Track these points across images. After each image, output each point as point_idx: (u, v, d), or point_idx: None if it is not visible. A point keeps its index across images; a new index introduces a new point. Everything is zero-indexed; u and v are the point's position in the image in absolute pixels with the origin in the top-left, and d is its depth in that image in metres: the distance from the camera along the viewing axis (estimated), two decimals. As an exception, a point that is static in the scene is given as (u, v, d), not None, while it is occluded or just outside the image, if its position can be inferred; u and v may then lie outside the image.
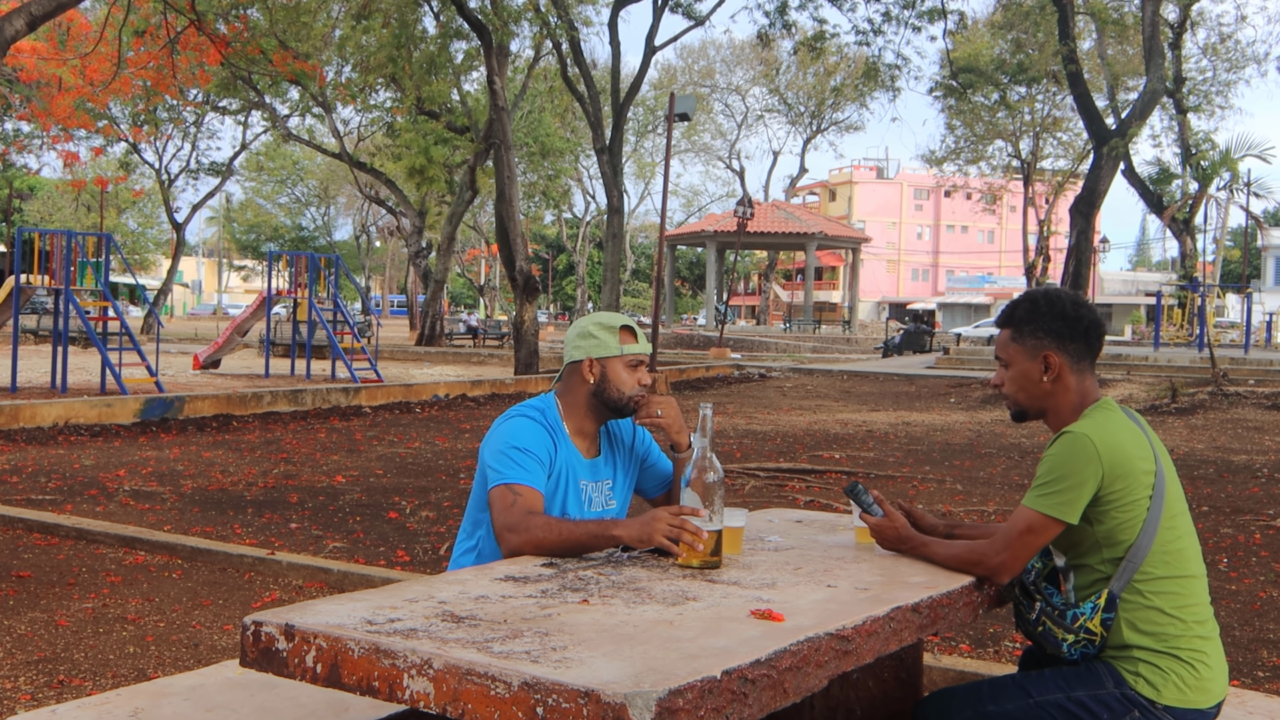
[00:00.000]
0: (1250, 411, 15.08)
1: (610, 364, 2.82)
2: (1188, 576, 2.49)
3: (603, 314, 2.93)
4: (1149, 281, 60.11)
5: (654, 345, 20.54)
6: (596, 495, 2.89)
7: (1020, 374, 2.62)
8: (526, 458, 2.70)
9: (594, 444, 2.93)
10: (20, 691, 3.93)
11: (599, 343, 2.83)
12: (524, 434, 2.74)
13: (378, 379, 18.38)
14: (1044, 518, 2.43)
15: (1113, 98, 30.69)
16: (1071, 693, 2.48)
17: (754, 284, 77.63)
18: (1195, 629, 2.47)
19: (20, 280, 14.98)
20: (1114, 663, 2.49)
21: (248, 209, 71.46)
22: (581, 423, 2.88)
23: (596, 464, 2.91)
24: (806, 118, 54.49)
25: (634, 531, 2.46)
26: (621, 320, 2.87)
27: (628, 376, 2.82)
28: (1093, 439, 2.43)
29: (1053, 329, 2.59)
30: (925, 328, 36.09)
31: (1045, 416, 2.64)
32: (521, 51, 30.08)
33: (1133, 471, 2.44)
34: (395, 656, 1.75)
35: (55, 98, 25.37)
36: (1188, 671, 2.44)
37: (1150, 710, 2.44)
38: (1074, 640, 2.48)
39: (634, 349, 2.82)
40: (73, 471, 8.70)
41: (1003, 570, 2.46)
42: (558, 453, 2.80)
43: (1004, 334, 2.66)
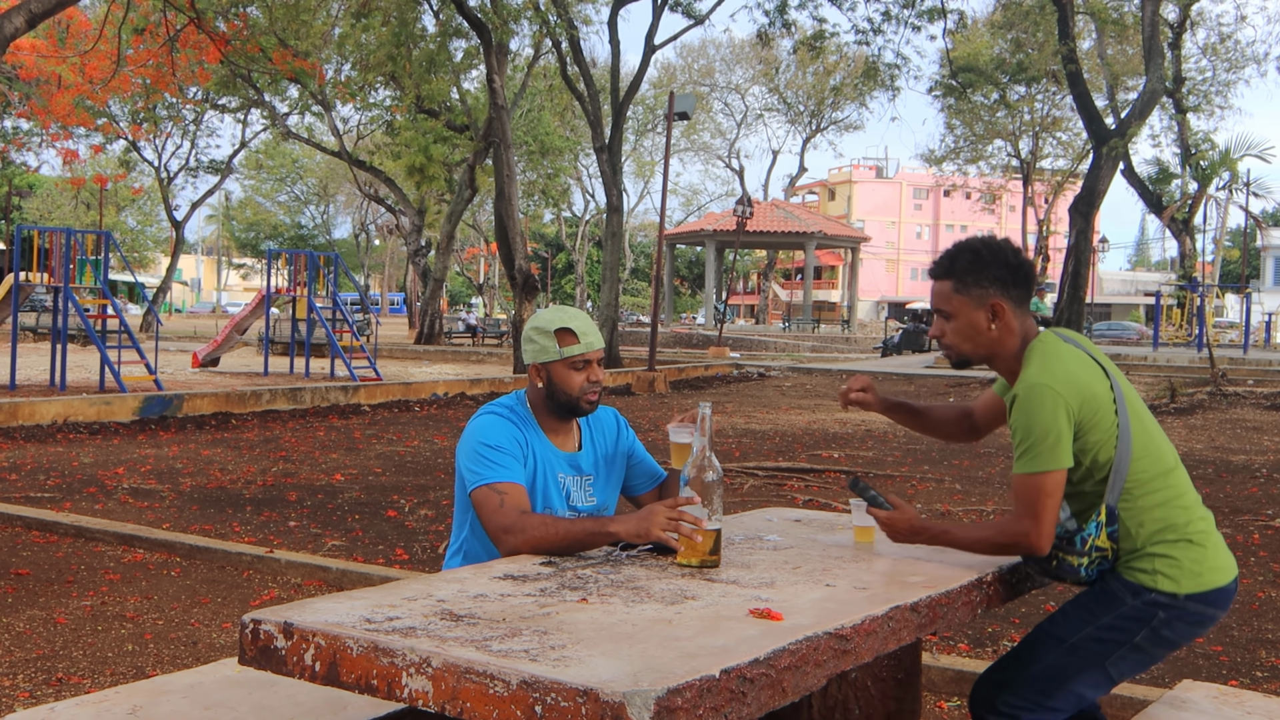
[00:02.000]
0: (1249, 412, 15.08)
1: (554, 367, 2.82)
2: (1170, 470, 2.57)
3: (543, 314, 2.88)
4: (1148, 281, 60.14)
5: (653, 345, 20.53)
6: (576, 489, 2.90)
7: (967, 325, 2.63)
8: (500, 454, 2.71)
9: (571, 438, 2.93)
10: (19, 689, 3.93)
11: (539, 348, 2.84)
12: (492, 430, 2.76)
13: (376, 377, 18.38)
14: (1050, 474, 2.46)
15: (1112, 97, 30.70)
16: (1098, 622, 2.55)
17: (753, 283, 77.63)
18: (1194, 511, 2.56)
19: (19, 278, 14.98)
20: (1129, 573, 2.55)
21: (247, 207, 71.42)
22: (548, 419, 2.89)
23: (576, 458, 2.92)
24: (806, 117, 54.49)
25: (631, 527, 2.46)
26: (559, 322, 2.82)
27: (574, 377, 2.81)
28: (1050, 386, 2.46)
29: (998, 277, 2.60)
30: (924, 327, 36.06)
31: (991, 362, 2.66)
32: (521, 50, 30.07)
33: (1095, 396, 2.49)
34: (394, 655, 1.75)
35: (55, 95, 25.35)
36: (1199, 552, 2.52)
37: (1174, 604, 2.51)
38: (1088, 562, 2.54)
39: (574, 350, 2.80)
40: (71, 469, 8.69)
41: (1042, 540, 2.49)
42: (529, 446, 2.81)
43: (945, 285, 2.66)
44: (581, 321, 2.84)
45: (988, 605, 2.52)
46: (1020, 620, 5.01)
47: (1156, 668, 4.39)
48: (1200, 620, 2.54)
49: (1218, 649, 4.67)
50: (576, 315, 2.86)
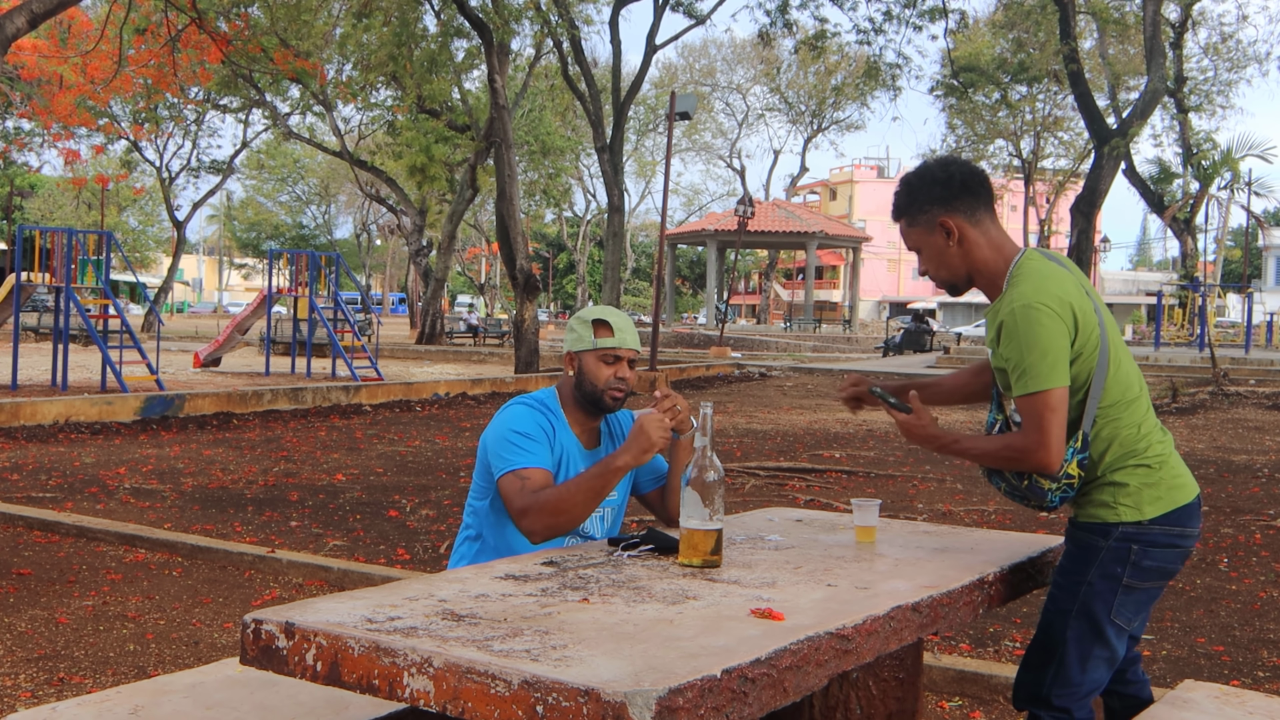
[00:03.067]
0: (1251, 411, 15.07)
1: (585, 357, 2.89)
2: (1135, 399, 2.59)
3: (589, 308, 2.97)
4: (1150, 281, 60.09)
5: (654, 344, 20.53)
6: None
7: (932, 251, 2.65)
8: (527, 440, 2.77)
9: (594, 436, 2.98)
10: (20, 689, 3.93)
11: (576, 336, 2.91)
12: (521, 419, 2.82)
13: (378, 377, 18.38)
14: (1053, 391, 2.47)
15: (1114, 97, 30.67)
16: (1086, 578, 2.58)
17: (754, 283, 77.62)
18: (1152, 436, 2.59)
19: (21, 278, 14.98)
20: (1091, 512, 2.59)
21: (248, 207, 71.42)
22: (576, 414, 2.94)
23: (596, 454, 2.95)
24: (807, 117, 54.46)
25: (634, 454, 2.57)
26: (598, 314, 2.90)
27: (601, 370, 2.87)
28: (1044, 303, 2.47)
29: (934, 196, 2.62)
30: (925, 327, 36.04)
31: (973, 281, 2.67)
32: (522, 50, 30.06)
33: (1083, 312, 2.51)
34: (395, 655, 1.75)
35: (56, 95, 25.36)
36: (1155, 475, 2.55)
37: (1142, 533, 2.54)
38: (1056, 488, 2.56)
39: (607, 342, 2.86)
40: (73, 469, 8.70)
41: (1051, 456, 2.49)
42: (556, 436, 2.86)
43: (901, 225, 2.70)
44: (621, 319, 2.92)
45: (989, 605, 2.52)
46: (1022, 620, 5.01)
47: (1157, 666, 4.39)
48: (1174, 543, 2.56)
49: (1219, 649, 4.67)
50: (620, 315, 2.94)
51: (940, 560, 2.60)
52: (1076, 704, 2.59)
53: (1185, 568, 6.13)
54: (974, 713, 3.93)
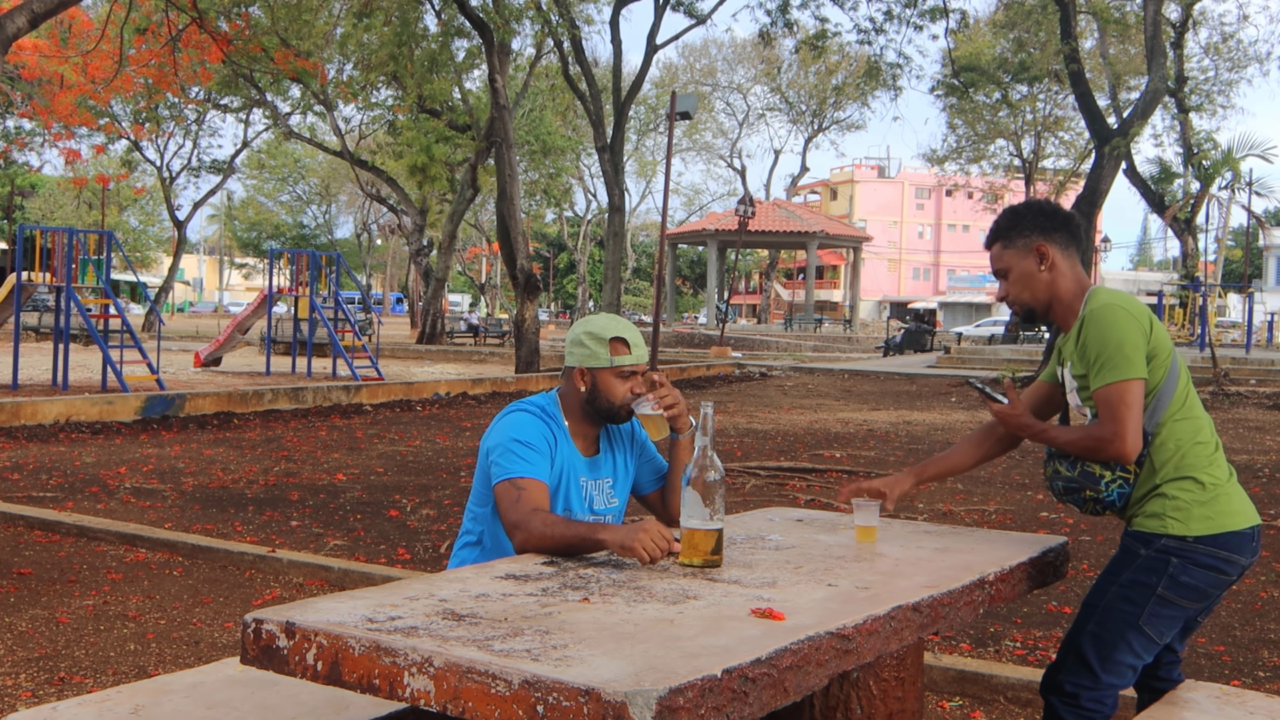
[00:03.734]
0: (1251, 411, 15.07)
1: (600, 374, 2.85)
2: (1198, 417, 2.70)
3: (597, 320, 2.90)
4: (1150, 281, 60.05)
5: (654, 344, 20.53)
6: (598, 494, 2.92)
7: (1021, 274, 2.81)
8: (528, 450, 2.73)
9: (593, 443, 2.96)
10: (21, 689, 3.93)
11: (589, 353, 2.85)
12: (524, 427, 2.78)
13: (379, 377, 18.39)
14: (1129, 382, 2.59)
15: (1114, 97, 30.65)
16: (1120, 579, 2.67)
17: (755, 283, 77.60)
18: (1214, 457, 2.68)
19: (22, 278, 14.98)
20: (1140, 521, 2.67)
21: (249, 207, 71.40)
22: (579, 424, 2.91)
23: (596, 462, 2.94)
24: (808, 116, 54.45)
25: (618, 538, 2.44)
26: (614, 331, 2.85)
27: (619, 386, 2.84)
28: (1121, 305, 2.64)
29: (1037, 224, 2.80)
30: (926, 327, 36.08)
31: (1052, 309, 2.81)
32: (523, 50, 30.05)
33: (1156, 324, 2.66)
34: (396, 654, 1.75)
35: (57, 95, 25.34)
36: (1208, 494, 2.63)
37: (1184, 549, 2.62)
38: (1111, 477, 2.66)
39: (625, 360, 2.83)
40: (74, 469, 8.70)
41: (1127, 446, 2.60)
42: (558, 447, 2.82)
43: (995, 248, 2.86)
44: (634, 333, 2.89)
45: (990, 605, 2.52)
46: (1023, 620, 5.01)
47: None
48: (1217, 566, 2.64)
49: (1220, 649, 4.66)
50: (630, 327, 2.91)
51: (941, 560, 2.60)
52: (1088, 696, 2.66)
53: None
54: (974, 713, 3.93)
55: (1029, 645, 4.64)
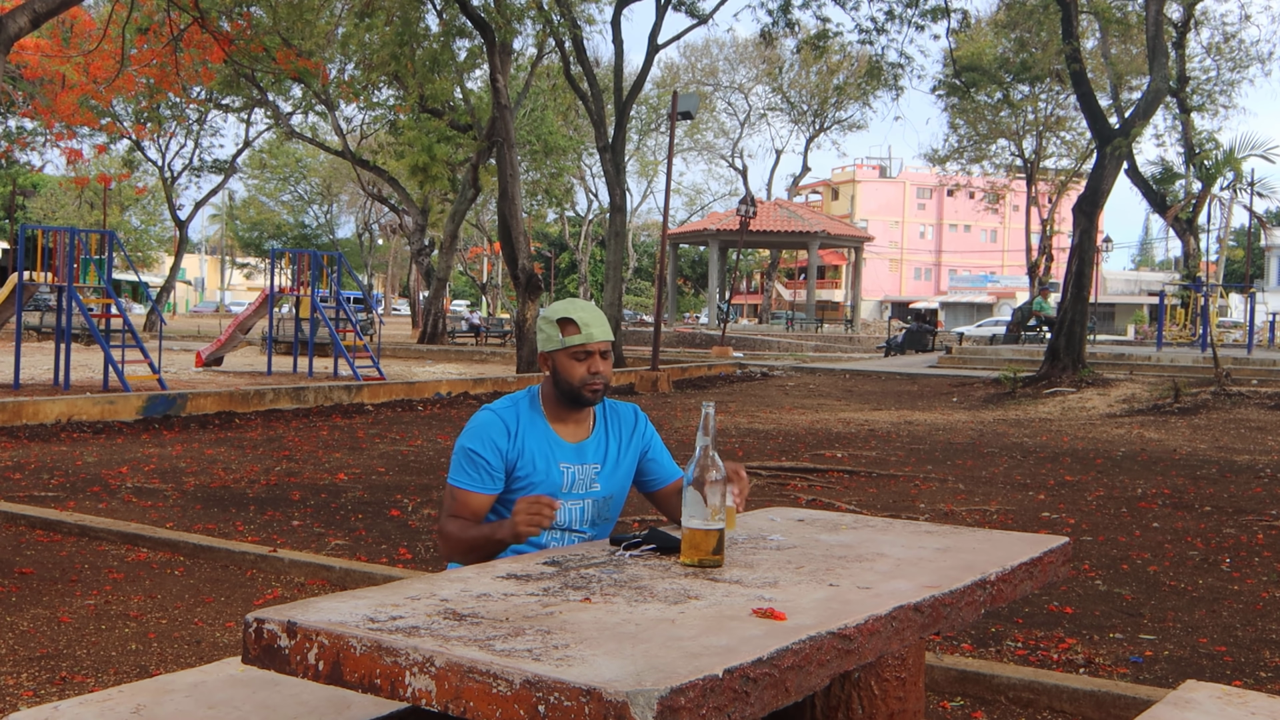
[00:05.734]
0: (1253, 411, 15.06)
1: (557, 356, 2.92)
2: None
3: (554, 305, 2.97)
4: (1152, 281, 60.02)
5: (655, 344, 20.53)
6: (581, 477, 2.97)
7: None
8: (471, 461, 2.87)
9: (583, 428, 3.00)
10: (23, 688, 3.93)
11: (546, 337, 2.94)
12: (478, 434, 2.90)
13: (380, 377, 18.39)
14: None
15: (1116, 97, 30.62)
16: None
17: (756, 283, 77.58)
18: None
19: (23, 277, 14.99)
20: None
21: (250, 206, 71.41)
22: (559, 411, 2.97)
23: (583, 447, 2.98)
24: (809, 116, 54.41)
25: (505, 530, 2.70)
26: (563, 312, 2.91)
27: (575, 367, 2.90)
28: None
29: None
30: (927, 327, 36.04)
31: None
32: (524, 49, 30.06)
33: None
34: (397, 654, 1.75)
35: (59, 95, 25.37)
36: None
37: None
38: None
39: (575, 339, 2.88)
40: (75, 468, 8.70)
41: None
42: (518, 439, 2.90)
43: None
44: (586, 313, 2.91)
45: (991, 605, 2.52)
46: (1024, 620, 5.01)
47: (1159, 667, 4.39)
48: None
49: (1221, 649, 4.66)
50: (584, 307, 2.93)
51: (942, 560, 2.60)
52: None
53: (1187, 568, 6.14)
54: (976, 713, 3.93)
55: (1030, 645, 4.64)
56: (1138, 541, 6.84)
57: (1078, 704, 3.92)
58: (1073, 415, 15.29)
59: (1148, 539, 6.92)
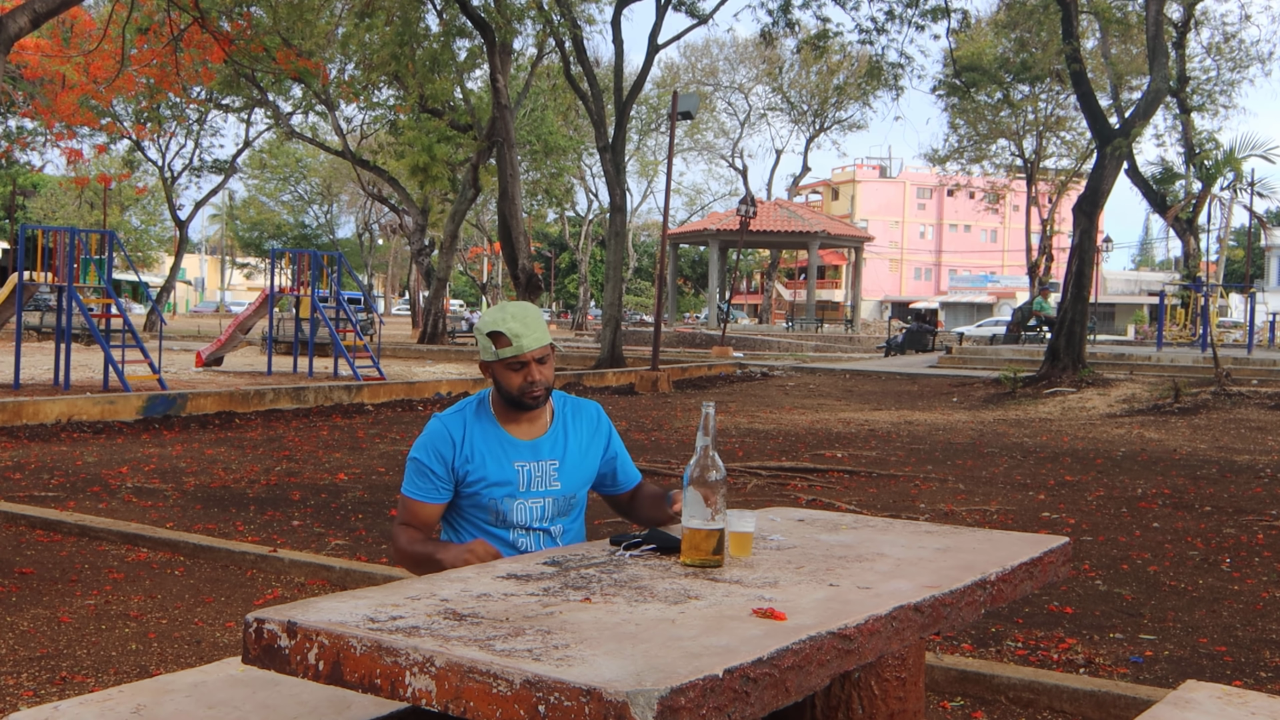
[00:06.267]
0: (1253, 411, 15.06)
1: (495, 367, 2.94)
2: None
3: (485, 315, 2.96)
4: (1152, 281, 60.01)
5: (656, 344, 20.53)
6: (538, 474, 2.98)
7: None
8: (419, 471, 2.95)
9: (537, 425, 3.02)
10: (23, 688, 3.93)
11: (482, 348, 2.96)
12: (424, 445, 2.97)
13: (380, 377, 18.39)
14: None
15: (1116, 97, 30.62)
16: None
17: (756, 283, 77.57)
18: None
19: (23, 277, 14.99)
20: None
21: (251, 206, 71.41)
22: (509, 413, 2.99)
23: (538, 444, 3.00)
24: (809, 116, 54.40)
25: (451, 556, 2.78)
26: (493, 325, 2.90)
27: (511, 377, 2.92)
28: None
29: None
30: (928, 327, 36.03)
31: None
32: (524, 49, 30.05)
33: None
34: (397, 654, 1.75)
35: (59, 95, 25.38)
36: None
37: None
38: None
39: (507, 352, 2.88)
40: (75, 468, 8.70)
41: None
42: (464, 445, 2.93)
43: None
44: (515, 323, 2.88)
45: (991, 605, 2.52)
46: (1024, 620, 5.01)
47: (1159, 667, 4.39)
48: None
49: (1221, 649, 4.66)
50: (514, 315, 2.90)
51: (942, 560, 2.60)
52: None
53: (1187, 568, 6.14)
54: (976, 713, 3.93)
55: (1030, 645, 4.64)
56: (1138, 541, 6.84)
57: (1078, 704, 3.92)
58: (1073, 415, 15.28)
59: (1148, 539, 6.92)
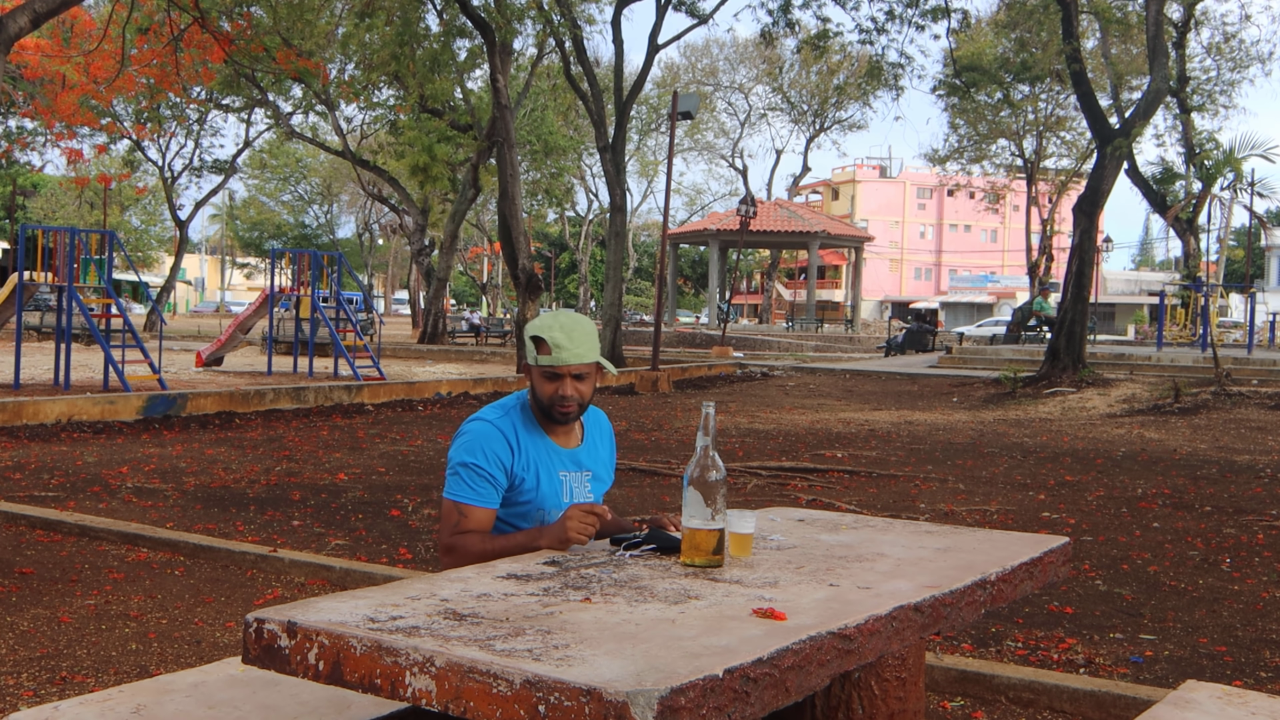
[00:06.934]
0: (1253, 411, 15.06)
1: (532, 371, 2.89)
2: None
3: (540, 318, 2.91)
4: (1152, 281, 60.00)
5: (655, 344, 20.52)
6: (577, 486, 2.96)
7: None
8: (475, 475, 2.81)
9: (573, 435, 2.99)
10: (23, 688, 3.93)
11: (527, 350, 2.91)
12: (476, 446, 2.83)
13: (380, 377, 18.38)
14: None
15: (1116, 97, 30.62)
16: None
17: (756, 283, 77.57)
18: None
19: (24, 277, 14.99)
20: None
21: (251, 206, 71.41)
22: (545, 420, 2.94)
23: (578, 454, 2.97)
24: (809, 116, 54.39)
25: (551, 538, 2.63)
26: (542, 330, 2.84)
27: (545, 386, 2.86)
28: None
29: None
30: (928, 327, 36.02)
31: None
32: (525, 49, 30.05)
33: None
34: (397, 654, 1.75)
35: (59, 95, 25.37)
36: None
37: None
38: None
39: (545, 360, 2.82)
40: (75, 468, 8.70)
41: None
42: (520, 450, 2.86)
43: None
44: (561, 333, 2.81)
45: (992, 605, 2.52)
46: (1024, 620, 5.01)
47: (1159, 666, 4.39)
48: None
49: (1222, 649, 4.66)
50: (562, 326, 2.84)
51: (942, 560, 2.60)
52: None
53: (1188, 568, 6.14)
54: (976, 713, 3.93)
55: (1030, 645, 4.64)
56: (1138, 541, 6.83)
57: (1078, 704, 3.92)
58: (1073, 415, 15.28)
59: (1148, 539, 6.92)
